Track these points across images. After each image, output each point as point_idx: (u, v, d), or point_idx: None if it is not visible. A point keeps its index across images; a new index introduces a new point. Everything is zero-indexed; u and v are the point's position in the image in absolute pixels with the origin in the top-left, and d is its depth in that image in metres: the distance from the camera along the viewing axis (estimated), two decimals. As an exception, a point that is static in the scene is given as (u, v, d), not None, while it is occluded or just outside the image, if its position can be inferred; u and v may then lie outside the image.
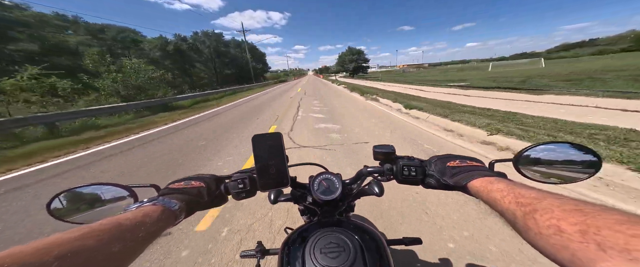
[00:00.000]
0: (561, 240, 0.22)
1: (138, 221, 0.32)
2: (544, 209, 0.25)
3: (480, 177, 0.39)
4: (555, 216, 0.24)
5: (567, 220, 0.23)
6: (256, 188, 0.50)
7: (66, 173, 3.32)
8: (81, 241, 0.25)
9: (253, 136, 0.48)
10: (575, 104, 4.84)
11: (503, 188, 0.34)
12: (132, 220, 0.31)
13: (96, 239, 0.26)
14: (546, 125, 3.43)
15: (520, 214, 0.28)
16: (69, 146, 4.70)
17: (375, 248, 0.46)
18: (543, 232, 0.24)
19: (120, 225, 0.30)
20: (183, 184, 0.46)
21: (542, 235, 0.24)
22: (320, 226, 0.51)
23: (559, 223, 0.23)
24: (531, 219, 0.26)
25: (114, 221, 0.30)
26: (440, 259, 1.39)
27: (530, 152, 0.45)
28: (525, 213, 0.27)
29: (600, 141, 2.57)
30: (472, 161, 0.47)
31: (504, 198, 0.32)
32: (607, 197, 1.78)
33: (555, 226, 0.23)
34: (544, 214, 0.25)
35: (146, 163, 3.46)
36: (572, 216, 0.22)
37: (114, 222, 0.29)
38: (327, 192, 0.55)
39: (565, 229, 0.22)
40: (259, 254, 0.67)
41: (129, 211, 0.34)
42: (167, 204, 0.38)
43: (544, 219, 0.24)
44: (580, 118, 3.66)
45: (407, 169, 0.52)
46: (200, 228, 1.78)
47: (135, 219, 0.32)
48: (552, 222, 0.24)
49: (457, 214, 1.73)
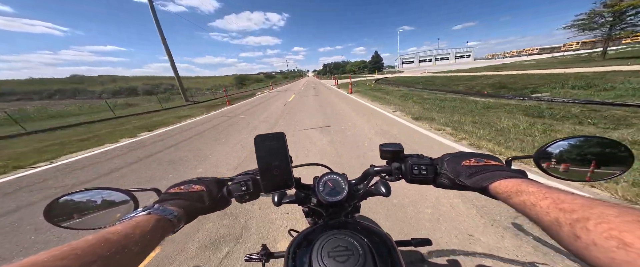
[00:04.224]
0: (627, 255, 0.20)
1: (128, 233, 0.30)
2: (598, 218, 0.23)
3: (504, 179, 0.37)
4: (616, 227, 0.21)
5: (633, 233, 0.20)
6: (260, 190, 0.49)
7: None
8: (58, 262, 0.23)
9: (255, 137, 0.47)
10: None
11: (536, 191, 0.31)
12: (121, 233, 0.29)
13: (76, 259, 0.24)
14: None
15: (565, 221, 0.25)
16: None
17: (386, 250, 0.44)
18: (600, 244, 0.21)
19: (107, 240, 0.27)
20: (183, 189, 0.45)
21: (599, 247, 0.21)
22: (327, 228, 0.49)
23: (623, 236, 0.20)
24: (582, 228, 0.23)
25: (99, 237, 0.27)
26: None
27: (551, 148, 0.42)
28: (572, 221, 0.24)
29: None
30: (489, 159, 0.44)
31: (540, 202, 0.29)
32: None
33: (618, 239, 0.21)
34: (599, 224, 0.22)
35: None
36: (638, 229, 0.20)
37: (99, 238, 0.27)
38: (332, 194, 0.53)
39: (632, 243, 0.20)
40: (263, 257, 0.65)
41: (122, 222, 0.33)
42: (163, 213, 0.36)
43: (600, 230, 0.22)
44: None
45: (417, 167, 0.49)
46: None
47: (125, 232, 0.30)
48: (613, 233, 0.21)
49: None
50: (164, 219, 0.35)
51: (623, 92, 5.60)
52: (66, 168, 3.61)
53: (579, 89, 6.72)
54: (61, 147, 4.98)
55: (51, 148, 4.96)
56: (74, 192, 0.43)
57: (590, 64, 15.36)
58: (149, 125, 7.08)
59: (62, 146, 5.06)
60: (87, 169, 3.49)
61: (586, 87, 6.88)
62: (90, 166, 3.60)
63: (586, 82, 7.46)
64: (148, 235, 0.32)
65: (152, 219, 0.34)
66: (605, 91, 6.07)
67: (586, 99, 5.37)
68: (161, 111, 11.92)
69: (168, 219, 0.36)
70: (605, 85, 6.70)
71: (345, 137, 3.89)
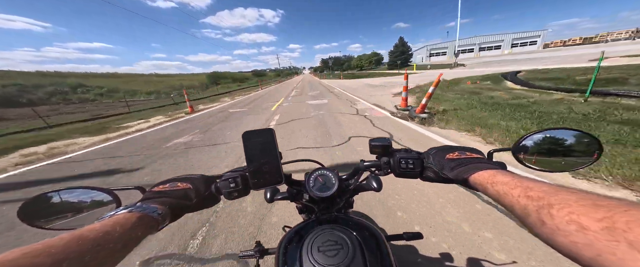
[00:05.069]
0: (584, 237, 0.22)
1: (106, 231, 0.31)
2: (560, 203, 0.26)
3: (482, 170, 0.42)
4: (575, 211, 0.24)
5: (589, 216, 0.23)
6: (249, 187, 0.53)
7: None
8: (30, 259, 0.24)
9: (243, 133, 0.51)
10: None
11: (509, 181, 0.35)
12: (98, 231, 0.31)
13: (48, 256, 0.25)
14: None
15: (532, 209, 0.29)
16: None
17: (375, 244, 0.48)
18: (561, 228, 0.24)
19: (83, 238, 0.29)
20: (168, 187, 0.48)
21: (560, 231, 0.24)
22: (318, 223, 0.54)
23: (580, 219, 0.23)
24: (547, 214, 0.26)
25: (76, 235, 0.29)
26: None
27: (528, 140, 0.48)
28: (538, 207, 0.28)
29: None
30: (472, 152, 0.50)
31: (512, 191, 0.33)
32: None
33: (576, 222, 0.23)
34: (561, 209, 0.25)
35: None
36: (594, 212, 0.23)
37: (75, 236, 0.29)
38: (323, 189, 0.57)
39: (588, 226, 0.22)
40: (257, 254, 0.70)
41: (101, 220, 0.34)
42: (146, 211, 0.38)
43: (561, 215, 0.25)
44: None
45: (404, 162, 0.54)
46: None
47: (103, 230, 0.31)
48: (572, 217, 0.24)
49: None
50: (146, 216, 0.37)
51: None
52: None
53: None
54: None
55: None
56: (53, 192, 0.45)
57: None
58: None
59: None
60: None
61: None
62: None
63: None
64: (129, 233, 0.33)
65: (134, 217, 0.36)
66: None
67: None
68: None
69: (151, 217, 0.38)
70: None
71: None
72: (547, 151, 0.47)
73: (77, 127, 8.08)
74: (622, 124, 3.27)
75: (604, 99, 4.93)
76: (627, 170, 2.10)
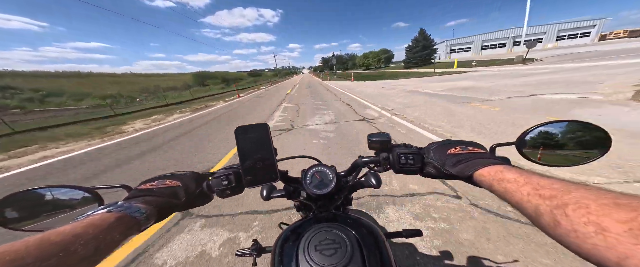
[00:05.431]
0: (605, 240, 0.21)
1: (76, 234, 0.29)
2: (576, 203, 0.25)
3: (487, 166, 0.41)
4: (593, 211, 0.23)
5: (610, 216, 0.22)
6: (243, 184, 0.52)
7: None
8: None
9: (236, 129, 0.50)
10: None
11: (516, 178, 0.34)
12: (68, 233, 0.29)
13: (4, 264, 0.23)
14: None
15: (545, 209, 0.27)
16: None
17: (374, 243, 0.48)
18: (579, 230, 0.23)
19: (47, 241, 0.27)
20: (155, 184, 0.47)
21: (578, 233, 0.23)
22: (316, 221, 0.54)
23: (600, 220, 0.22)
24: (561, 214, 0.25)
25: (41, 238, 0.27)
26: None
27: (532, 134, 0.47)
28: (552, 207, 0.27)
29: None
30: (474, 147, 0.50)
31: (521, 189, 0.32)
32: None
33: (595, 223, 0.22)
34: (577, 209, 0.24)
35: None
36: (615, 212, 0.22)
37: (40, 239, 0.27)
38: (320, 186, 0.57)
39: (609, 228, 0.21)
40: (255, 252, 0.70)
41: (75, 221, 0.32)
42: (126, 210, 0.37)
43: (578, 215, 0.24)
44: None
45: (404, 157, 0.54)
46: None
47: (72, 233, 0.29)
48: (591, 218, 0.23)
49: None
50: (126, 217, 0.36)
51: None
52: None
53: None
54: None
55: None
56: (28, 190, 0.43)
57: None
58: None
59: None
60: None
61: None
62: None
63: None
64: (103, 235, 0.31)
65: (112, 217, 0.34)
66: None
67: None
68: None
69: (133, 217, 0.36)
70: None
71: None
72: (552, 145, 0.46)
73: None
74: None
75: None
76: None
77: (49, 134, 7.77)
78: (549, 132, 0.46)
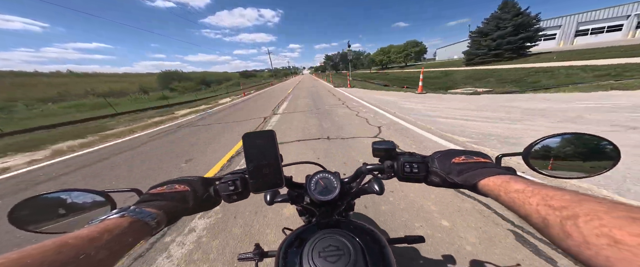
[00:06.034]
0: (619, 253, 0.21)
1: (92, 238, 0.30)
2: (587, 214, 0.25)
3: (493, 176, 0.41)
4: (606, 223, 0.23)
5: (624, 229, 0.21)
6: (249, 190, 0.53)
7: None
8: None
9: (243, 135, 0.51)
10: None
11: (524, 188, 0.34)
12: (84, 238, 0.30)
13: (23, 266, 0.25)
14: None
15: (555, 219, 0.27)
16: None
17: (378, 250, 0.48)
18: (591, 242, 0.23)
19: (65, 245, 0.28)
20: (165, 189, 0.48)
21: (590, 245, 0.23)
22: (319, 227, 0.55)
23: (613, 233, 0.22)
24: (572, 225, 0.25)
25: (58, 242, 0.28)
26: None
27: (540, 145, 0.48)
28: (562, 218, 0.26)
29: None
30: (478, 156, 0.50)
31: (529, 200, 0.32)
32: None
33: (608, 236, 0.22)
34: (589, 221, 0.24)
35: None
36: (629, 225, 0.22)
37: (57, 243, 0.27)
38: (324, 192, 0.58)
39: (623, 240, 0.21)
40: (257, 256, 0.71)
41: (89, 225, 0.34)
42: (138, 215, 0.38)
43: (590, 227, 0.24)
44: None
45: (408, 166, 0.54)
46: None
47: (89, 237, 0.30)
48: (604, 230, 0.22)
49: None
50: (139, 222, 0.37)
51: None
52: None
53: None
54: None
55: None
56: (42, 194, 0.45)
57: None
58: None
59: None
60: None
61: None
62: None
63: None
64: (117, 239, 0.32)
65: (125, 222, 0.35)
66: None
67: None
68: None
69: (144, 222, 0.37)
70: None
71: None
72: (559, 157, 0.46)
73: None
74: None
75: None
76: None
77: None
78: (556, 144, 0.46)
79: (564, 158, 0.46)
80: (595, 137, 0.44)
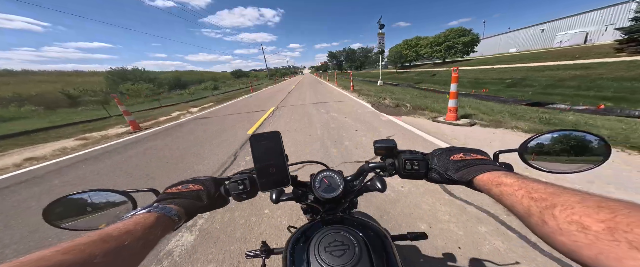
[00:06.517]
0: (585, 237, 0.23)
1: (129, 230, 0.34)
2: (563, 204, 0.27)
3: (487, 172, 0.43)
4: (577, 212, 0.26)
5: (591, 217, 0.24)
6: (257, 189, 0.55)
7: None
8: (61, 256, 0.26)
9: (251, 136, 0.53)
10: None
11: (513, 182, 0.37)
12: (122, 230, 0.34)
13: (79, 252, 0.27)
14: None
15: (535, 210, 0.30)
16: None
17: (381, 245, 0.50)
18: (563, 228, 0.26)
19: (109, 236, 0.32)
20: (181, 188, 0.51)
21: (563, 231, 0.26)
22: (324, 224, 0.57)
23: (582, 220, 0.24)
24: (549, 215, 0.28)
25: (101, 233, 0.32)
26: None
27: (534, 142, 0.50)
28: (541, 208, 0.29)
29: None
30: (476, 154, 0.52)
31: (516, 193, 0.35)
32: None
33: (578, 223, 0.25)
34: (563, 210, 0.27)
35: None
36: (596, 213, 0.24)
37: (101, 234, 0.31)
38: (328, 190, 0.60)
39: (590, 226, 0.23)
40: (264, 253, 0.73)
41: (123, 220, 0.37)
42: (163, 211, 0.41)
43: (564, 215, 0.26)
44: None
45: (409, 163, 0.56)
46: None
47: (126, 229, 0.34)
48: (574, 218, 0.25)
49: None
50: (164, 216, 0.40)
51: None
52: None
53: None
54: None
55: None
56: (72, 194, 0.49)
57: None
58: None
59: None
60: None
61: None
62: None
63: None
64: (148, 232, 0.36)
65: (152, 217, 0.39)
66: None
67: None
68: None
69: (168, 217, 0.41)
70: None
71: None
72: (553, 153, 0.49)
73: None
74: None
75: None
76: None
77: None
78: (550, 140, 0.48)
79: (558, 154, 0.48)
80: (587, 133, 0.46)
